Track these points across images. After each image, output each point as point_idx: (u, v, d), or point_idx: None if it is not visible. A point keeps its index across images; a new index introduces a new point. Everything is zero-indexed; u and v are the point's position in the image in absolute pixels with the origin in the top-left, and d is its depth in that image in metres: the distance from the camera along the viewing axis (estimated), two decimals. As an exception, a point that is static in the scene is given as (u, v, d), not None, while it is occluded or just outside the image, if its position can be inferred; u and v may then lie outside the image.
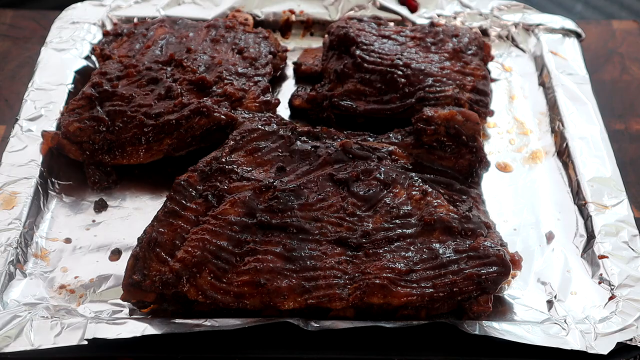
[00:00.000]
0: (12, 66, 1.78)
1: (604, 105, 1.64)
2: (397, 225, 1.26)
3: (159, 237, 1.22)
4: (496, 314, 1.24)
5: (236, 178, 1.31)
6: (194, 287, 1.18)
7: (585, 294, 1.26)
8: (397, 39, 1.65)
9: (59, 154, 1.46)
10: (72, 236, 1.35)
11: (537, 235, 1.38)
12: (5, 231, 1.30)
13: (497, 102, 1.66)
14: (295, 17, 1.85)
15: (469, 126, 1.40)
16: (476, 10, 1.86)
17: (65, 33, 1.74)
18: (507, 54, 1.80)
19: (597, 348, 1.14)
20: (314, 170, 1.35)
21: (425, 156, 1.40)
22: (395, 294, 1.17)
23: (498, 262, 1.20)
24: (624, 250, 1.30)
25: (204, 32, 1.69)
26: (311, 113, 1.59)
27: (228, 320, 1.15)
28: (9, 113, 1.63)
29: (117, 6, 1.83)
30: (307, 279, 1.18)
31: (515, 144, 1.57)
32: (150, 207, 1.40)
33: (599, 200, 1.38)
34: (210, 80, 1.53)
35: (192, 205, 1.27)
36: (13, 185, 1.37)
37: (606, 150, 1.49)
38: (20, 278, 1.26)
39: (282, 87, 1.71)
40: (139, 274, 1.19)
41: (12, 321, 1.16)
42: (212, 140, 1.46)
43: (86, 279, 1.28)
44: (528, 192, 1.46)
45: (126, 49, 1.65)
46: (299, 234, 1.24)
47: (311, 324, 1.16)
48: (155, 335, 1.14)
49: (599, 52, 1.87)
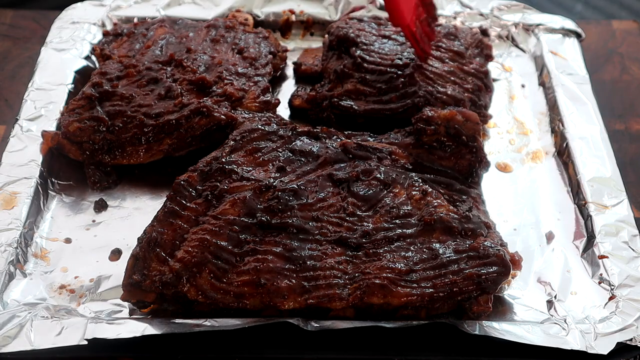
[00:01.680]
0: (12, 66, 1.78)
1: (604, 105, 1.64)
2: (397, 225, 1.26)
3: (159, 237, 1.22)
4: (496, 314, 1.24)
5: (236, 178, 1.31)
6: (194, 287, 1.18)
7: (585, 294, 1.26)
8: (397, 39, 1.65)
9: (59, 154, 1.46)
10: (72, 236, 1.35)
11: (537, 235, 1.38)
12: (5, 231, 1.30)
13: (497, 102, 1.66)
14: (295, 17, 1.85)
15: (469, 126, 1.40)
16: (476, 10, 1.86)
17: (65, 33, 1.74)
18: (507, 54, 1.80)
19: (597, 348, 1.14)
20: (314, 170, 1.35)
21: (425, 156, 1.40)
22: (395, 294, 1.17)
23: (498, 262, 1.20)
24: (624, 250, 1.30)
25: (204, 32, 1.69)
26: (311, 113, 1.59)
27: (228, 320, 1.15)
28: (9, 113, 1.63)
29: (117, 6, 1.83)
30: (307, 279, 1.18)
31: (515, 144, 1.57)
32: (150, 207, 1.40)
33: (599, 200, 1.38)
34: (210, 80, 1.53)
35: (192, 205, 1.27)
36: (13, 185, 1.37)
37: (606, 150, 1.49)
38: (20, 278, 1.26)
39: (282, 87, 1.71)
40: (139, 274, 1.19)
41: (12, 321, 1.16)
42: (212, 140, 1.46)
43: (86, 279, 1.28)
44: (528, 192, 1.46)
45: (126, 49, 1.65)
46: (299, 234, 1.24)
47: (311, 324, 1.16)
48: (155, 335, 1.14)
49: (599, 52, 1.87)
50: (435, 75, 1.57)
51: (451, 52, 1.64)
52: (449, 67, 1.60)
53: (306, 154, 1.37)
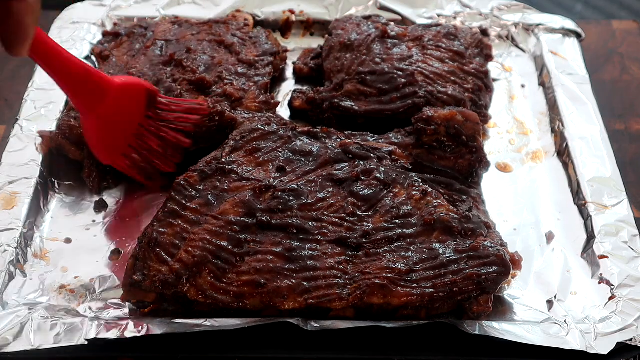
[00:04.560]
0: (12, 66, 1.78)
1: (604, 105, 1.64)
2: (397, 225, 1.26)
3: (159, 237, 1.22)
4: (496, 314, 1.24)
5: (236, 178, 1.32)
6: (194, 287, 1.18)
7: (585, 294, 1.26)
8: (397, 39, 1.65)
9: (59, 154, 1.46)
10: (72, 236, 1.35)
11: (537, 235, 1.38)
12: (5, 231, 1.30)
13: (497, 102, 1.66)
14: (295, 17, 1.85)
15: (469, 126, 1.40)
16: (476, 10, 1.86)
17: (65, 33, 1.74)
18: (507, 54, 1.80)
19: (597, 348, 1.14)
20: (314, 170, 1.35)
21: (425, 156, 1.40)
22: (395, 294, 1.17)
23: (498, 262, 1.20)
24: (624, 250, 1.30)
25: (204, 32, 1.69)
26: (311, 114, 1.59)
27: (228, 320, 1.15)
28: (9, 113, 1.63)
29: (117, 6, 1.83)
30: (307, 279, 1.18)
31: (515, 144, 1.57)
32: (150, 207, 1.40)
33: (599, 200, 1.38)
34: (210, 80, 1.53)
35: (192, 205, 1.27)
36: (13, 185, 1.37)
37: (606, 150, 1.49)
38: (20, 278, 1.26)
39: (282, 87, 1.71)
40: (139, 274, 1.19)
41: (12, 321, 1.15)
42: (212, 140, 1.46)
43: (86, 279, 1.28)
44: (528, 192, 1.46)
45: (126, 49, 1.65)
46: (299, 234, 1.24)
47: (311, 324, 1.16)
48: (155, 335, 1.14)
49: (599, 52, 1.87)
50: (435, 76, 1.57)
51: (451, 52, 1.64)
52: (449, 67, 1.60)
53: (306, 154, 1.37)
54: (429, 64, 1.59)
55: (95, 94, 1.28)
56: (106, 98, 1.29)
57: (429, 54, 1.62)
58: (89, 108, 1.29)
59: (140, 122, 1.37)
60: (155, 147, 1.39)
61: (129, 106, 1.34)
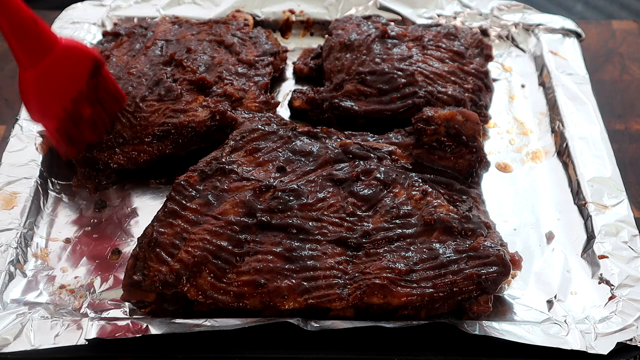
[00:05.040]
0: (12, 66, 1.78)
1: (604, 105, 1.64)
2: (397, 225, 1.26)
3: (159, 237, 1.22)
4: (496, 314, 1.24)
5: (236, 178, 1.32)
6: (194, 287, 1.18)
7: (585, 294, 1.26)
8: (397, 39, 1.65)
9: (59, 154, 1.46)
10: (72, 236, 1.35)
11: (537, 235, 1.38)
12: (5, 231, 1.30)
13: (497, 102, 1.66)
14: (295, 17, 1.85)
15: (469, 126, 1.41)
16: (476, 10, 1.86)
17: (65, 33, 1.74)
18: (507, 54, 1.80)
19: (597, 348, 1.14)
20: (314, 170, 1.35)
21: (425, 156, 1.40)
22: (395, 294, 1.17)
23: (498, 262, 1.20)
24: (624, 250, 1.30)
25: (204, 32, 1.69)
26: (311, 114, 1.59)
27: (228, 320, 1.16)
28: (9, 113, 1.63)
29: (117, 6, 1.84)
30: (307, 279, 1.18)
31: (515, 144, 1.57)
32: (150, 207, 1.40)
33: (599, 200, 1.38)
34: (210, 80, 1.53)
35: (192, 205, 1.27)
36: (13, 185, 1.38)
37: (606, 150, 1.49)
38: (20, 278, 1.26)
39: (282, 87, 1.71)
40: (139, 274, 1.19)
41: (12, 321, 1.16)
42: (212, 140, 1.46)
43: (86, 279, 1.28)
44: (528, 192, 1.46)
45: (126, 49, 1.65)
46: (299, 234, 1.24)
47: (311, 324, 1.16)
48: (155, 335, 1.14)
49: (599, 52, 1.87)
50: (435, 75, 1.57)
51: (451, 52, 1.64)
52: (449, 67, 1.60)
53: (306, 154, 1.37)
54: (429, 64, 1.59)
55: (41, 48, 1.26)
56: (51, 54, 1.27)
57: (429, 54, 1.62)
58: (31, 60, 1.26)
59: (81, 89, 1.35)
60: (86, 117, 1.37)
61: (73, 69, 1.32)
